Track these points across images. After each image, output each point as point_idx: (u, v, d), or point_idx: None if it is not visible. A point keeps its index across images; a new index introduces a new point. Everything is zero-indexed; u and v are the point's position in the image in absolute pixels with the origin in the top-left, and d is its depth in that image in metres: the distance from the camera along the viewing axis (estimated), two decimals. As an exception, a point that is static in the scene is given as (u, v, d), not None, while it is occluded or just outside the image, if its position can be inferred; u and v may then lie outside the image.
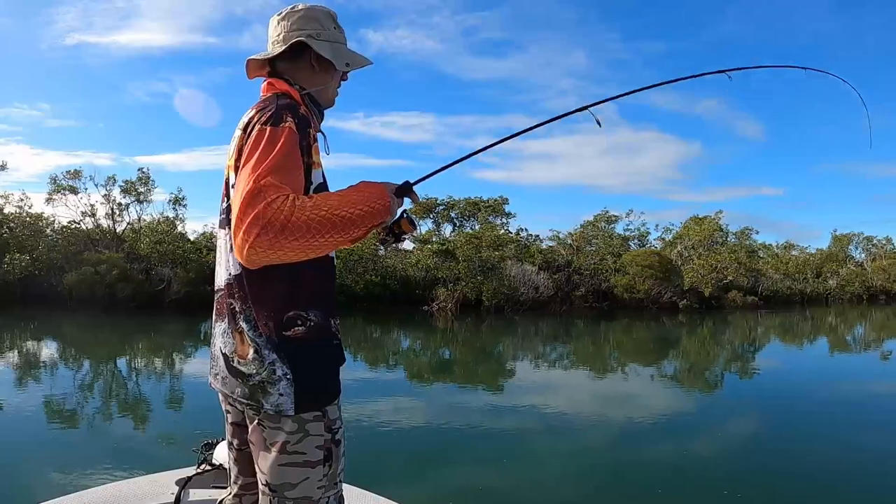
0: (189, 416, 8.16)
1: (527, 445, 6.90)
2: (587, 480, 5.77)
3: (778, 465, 6.11)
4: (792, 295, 39.99)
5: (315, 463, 1.57)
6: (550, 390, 10.80)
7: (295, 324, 1.54)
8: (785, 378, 13.19)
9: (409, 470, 5.90)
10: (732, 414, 9.15)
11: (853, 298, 43.40)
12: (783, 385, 12.00)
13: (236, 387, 1.59)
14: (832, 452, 6.81)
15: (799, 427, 8.08)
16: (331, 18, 1.71)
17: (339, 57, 1.68)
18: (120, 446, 6.47)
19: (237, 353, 1.58)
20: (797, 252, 47.81)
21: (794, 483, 5.73)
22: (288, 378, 1.53)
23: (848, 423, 8.33)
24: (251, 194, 1.39)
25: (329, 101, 1.75)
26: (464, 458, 6.35)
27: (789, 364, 15.94)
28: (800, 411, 9.23)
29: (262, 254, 1.39)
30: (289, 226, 1.37)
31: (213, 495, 2.35)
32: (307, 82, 1.69)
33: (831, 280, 42.54)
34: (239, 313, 1.57)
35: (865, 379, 13.13)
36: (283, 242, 1.38)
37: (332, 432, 1.60)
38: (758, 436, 7.70)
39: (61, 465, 5.61)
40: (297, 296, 1.55)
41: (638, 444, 7.09)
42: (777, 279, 39.57)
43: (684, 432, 7.77)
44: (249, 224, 1.37)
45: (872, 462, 6.47)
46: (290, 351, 1.53)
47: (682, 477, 5.82)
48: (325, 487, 1.59)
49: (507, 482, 5.59)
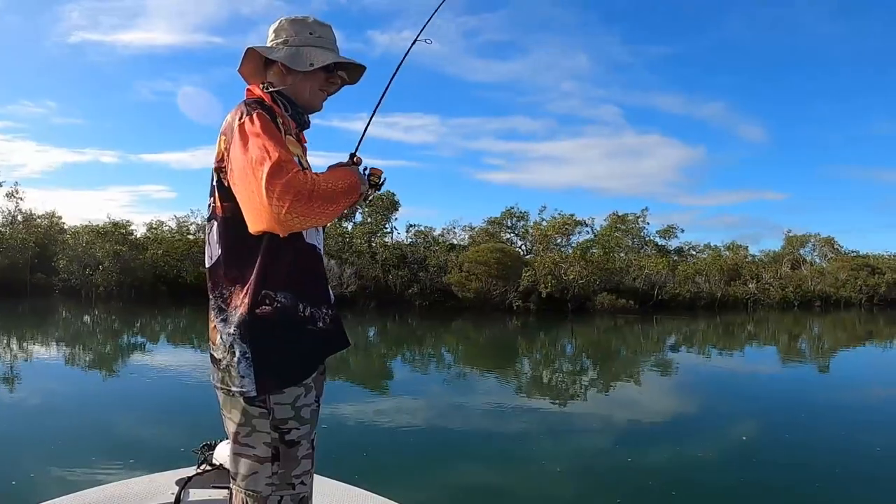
0: (189, 416, 7.79)
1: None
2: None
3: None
4: (696, 299, 36.04)
5: (263, 459, 1.62)
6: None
7: (263, 303, 1.60)
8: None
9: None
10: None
11: (783, 304, 39.00)
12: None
13: (214, 372, 1.69)
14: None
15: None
16: (305, 25, 1.83)
17: (296, 59, 1.78)
18: (120, 446, 6.33)
19: (210, 339, 1.70)
20: (732, 254, 43.48)
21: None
22: (247, 357, 1.60)
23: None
24: (275, 167, 1.49)
25: (307, 101, 1.83)
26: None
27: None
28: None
29: (298, 219, 1.50)
30: (315, 194, 1.51)
31: (213, 495, 2.40)
32: (278, 84, 1.80)
33: (751, 284, 38.16)
34: (215, 300, 1.69)
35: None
36: (313, 208, 1.51)
37: (279, 432, 1.63)
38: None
39: (61, 464, 5.55)
40: (271, 277, 1.62)
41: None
42: (678, 282, 35.70)
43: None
44: (280, 193, 1.48)
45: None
46: (251, 331, 1.60)
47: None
48: (275, 486, 1.63)
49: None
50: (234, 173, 1.59)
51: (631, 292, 34.07)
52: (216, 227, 1.69)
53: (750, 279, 38.31)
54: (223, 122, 1.71)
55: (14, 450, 6.15)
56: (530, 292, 29.40)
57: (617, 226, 40.49)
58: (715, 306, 36.56)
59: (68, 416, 7.86)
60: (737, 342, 22.52)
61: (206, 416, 6.41)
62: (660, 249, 41.50)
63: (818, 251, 44.50)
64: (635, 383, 12.74)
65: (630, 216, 41.01)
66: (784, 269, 40.73)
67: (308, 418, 1.67)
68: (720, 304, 36.90)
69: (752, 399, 10.89)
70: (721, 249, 43.53)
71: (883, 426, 8.58)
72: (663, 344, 21.17)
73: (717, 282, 36.82)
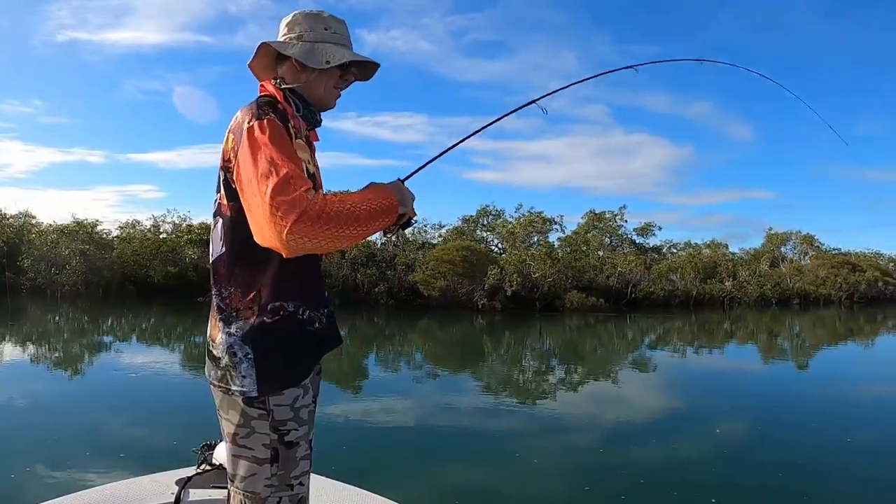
0: (189, 416, 7.71)
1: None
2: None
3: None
4: (670, 297, 35.75)
5: (262, 461, 1.60)
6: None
7: (276, 313, 1.59)
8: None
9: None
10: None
11: (761, 302, 38.71)
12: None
13: (211, 369, 1.66)
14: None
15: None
16: (321, 20, 1.76)
17: (312, 56, 1.71)
18: (120, 446, 6.27)
19: (211, 336, 1.67)
20: (711, 251, 43.16)
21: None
22: (249, 358, 1.58)
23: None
24: (281, 182, 1.44)
25: (320, 99, 1.77)
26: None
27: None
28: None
29: (302, 241, 1.43)
30: (323, 216, 1.44)
31: (213, 495, 2.39)
32: (292, 81, 1.74)
33: (727, 282, 37.85)
34: (215, 297, 1.65)
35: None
36: (318, 231, 1.43)
37: (279, 433, 1.61)
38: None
39: (61, 465, 5.51)
40: (280, 287, 1.59)
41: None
42: (652, 280, 35.38)
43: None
44: (284, 212, 1.42)
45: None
46: (253, 334, 1.58)
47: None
48: (273, 487, 1.61)
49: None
50: (241, 179, 1.55)
51: (604, 291, 33.79)
52: (221, 224, 1.66)
53: (726, 277, 37.97)
54: (233, 119, 1.65)
55: (13, 449, 6.06)
56: (497, 291, 29.10)
57: (594, 224, 40.20)
58: (690, 304, 36.26)
59: (54, 416, 7.73)
60: (712, 340, 22.27)
61: (206, 415, 6.59)
62: (638, 247, 41.20)
63: (799, 249, 44.13)
64: (597, 384, 12.50)
65: (607, 214, 40.77)
66: (762, 267, 40.37)
67: (306, 419, 1.67)
68: (695, 303, 36.60)
69: (731, 397, 10.89)
70: (701, 247, 43.31)
71: (865, 423, 8.62)
72: (633, 343, 20.93)
73: (692, 279, 36.50)
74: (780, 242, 45.13)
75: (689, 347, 19.60)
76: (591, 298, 31.45)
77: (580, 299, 31.15)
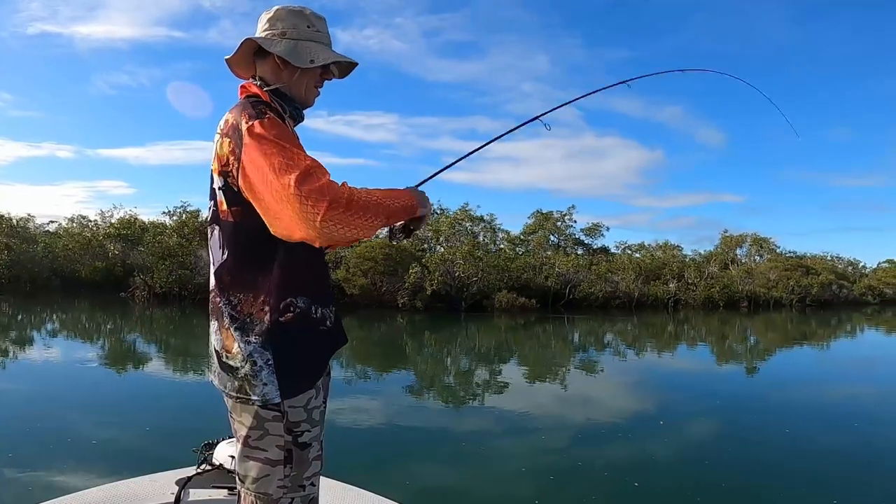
0: (189, 416, 7.68)
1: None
2: None
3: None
4: (610, 298, 35.21)
5: (276, 462, 1.60)
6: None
7: (287, 310, 1.57)
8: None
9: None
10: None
11: (708, 304, 38.17)
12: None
13: (227, 381, 1.64)
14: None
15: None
16: (303, 17, 1.72)
17: (296, 54, 1.67)
18: (120, 446, 6.21)
19: (225, 348, 1.63)
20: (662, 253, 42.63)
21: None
22: (270, 365, 1.56)
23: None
24: (304, 173, 1.42)
25: (304, 98, 1.75)
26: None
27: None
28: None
29: (335, 227, 1.42)
30: (352, 203, 1.43)
31: (213, 495, 2.38)
32: (274, 80, 1.70)
33: (671, 283, 37.32)
34: (224, 307, 1.61)
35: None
36: (349, 217, 1.43)
37: (293, 434, 1.61)
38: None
39: (60, 465, 5.42)
40: (290, 283, 1.58)
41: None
42: (591, 281, 34.85)
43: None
44: (315, 199, 1.40)
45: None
46: (272, 338, 1.56)
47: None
48: (286, 488, 1.61)
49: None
50: (250, 179, 1.49)
51: (541, 291, 33.27)
52: (219, 231, 1.62)
53: (671, 279, 37.43)
54: (221, 123, 1.61)
55: (12, 449, 5.87)
56: (419, 290, 28.61)
57: (541, 224, 39.70)
58: (632, 306, 35.72)
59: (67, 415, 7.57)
60: (643, 342, 21.62)
61: (206, 415, 6.15)
62: (585, 248, 40.71)
63: (751, 251, 43.60)
64: (509, 388, 11.91)
65: (555, 214, 40.26)
66: (712, 269, 39.84)
67: (318, 420, 1.67)
68: (638, 304, 36.04)
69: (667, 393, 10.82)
70: (652, 249, 42.76)
71: (814, 422, 8.69)
72: (554, 344, 20.42)
73: (633, 281, 35.95)
74: (736, 245, 44.63)
75: (631, 349, 19.12)
76: (521, 299, 30.89)
77: (510, 300, 30.61)
